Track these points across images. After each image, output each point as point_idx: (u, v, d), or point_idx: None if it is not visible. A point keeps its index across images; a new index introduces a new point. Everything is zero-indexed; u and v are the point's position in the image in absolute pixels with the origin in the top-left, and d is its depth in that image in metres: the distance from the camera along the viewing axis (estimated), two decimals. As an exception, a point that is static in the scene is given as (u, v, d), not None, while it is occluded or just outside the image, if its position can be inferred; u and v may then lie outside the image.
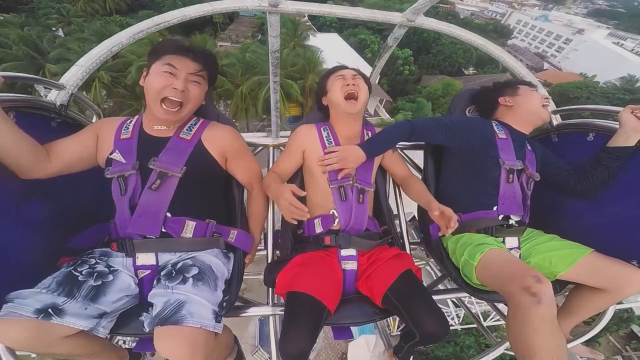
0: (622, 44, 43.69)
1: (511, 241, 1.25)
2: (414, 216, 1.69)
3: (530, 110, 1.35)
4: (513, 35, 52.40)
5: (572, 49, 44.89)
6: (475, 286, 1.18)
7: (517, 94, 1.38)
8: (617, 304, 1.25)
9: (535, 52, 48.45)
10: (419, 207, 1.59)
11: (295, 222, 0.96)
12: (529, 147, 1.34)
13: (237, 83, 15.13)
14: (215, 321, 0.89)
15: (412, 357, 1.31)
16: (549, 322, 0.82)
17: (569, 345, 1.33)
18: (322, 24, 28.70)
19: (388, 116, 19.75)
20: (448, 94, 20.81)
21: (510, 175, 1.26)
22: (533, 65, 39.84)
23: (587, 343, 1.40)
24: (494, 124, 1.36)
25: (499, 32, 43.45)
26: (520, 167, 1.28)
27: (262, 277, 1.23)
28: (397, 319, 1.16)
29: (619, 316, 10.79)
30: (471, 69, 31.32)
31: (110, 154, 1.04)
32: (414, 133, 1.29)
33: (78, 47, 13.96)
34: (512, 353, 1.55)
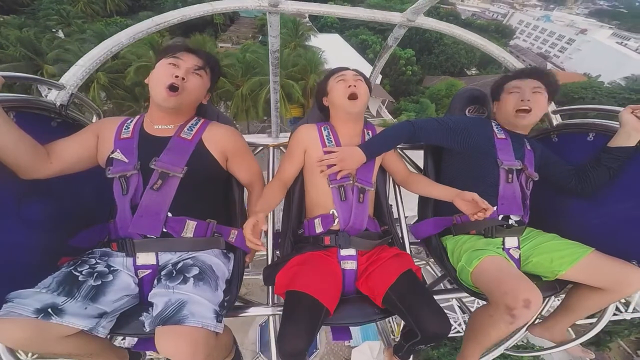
0: (626, 44, 43.01)
1: (511, 241, 1.25)
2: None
3: (506, 114, 1.33)
4: (515, 36, 52.15)
5: (575, 49, 44.38)
6: (472, 289, 1.19)
7: (500, 97, 1.37)
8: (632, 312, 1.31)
9: (537, 52, 48.13)
10: (419, 206, 1.59)
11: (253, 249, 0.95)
12: (528, 147, 1.34)
13: (238, 84, 14.87)
14: (217, 321, 0.89)
15: (412, 356, 1.31)
16: (507, 331, 1.02)
17: (568, 346, 1.33)
18: (323, 25, 28.40)
19: (390, 117, 19.47)
20: (451, 94, 20.27)
21: (510, 175, 1.26)
22: (536, 66, 39.81)
23: (597, 347, 1.45)
24: (493, 124, 1.36)
25: (501, 32, 43.18)
26: (519, 167, 1.27)
27: (262, 277, 1.23)
28: (402, 323, 1.16)
29: (631, 321, 10.67)
30: (474, 69, 31.03)
31: (111, 153, 1.04)
32: (415, 133, 1.29)
33: (77, 47, 13.69)
34: (512, 353, 1.56)
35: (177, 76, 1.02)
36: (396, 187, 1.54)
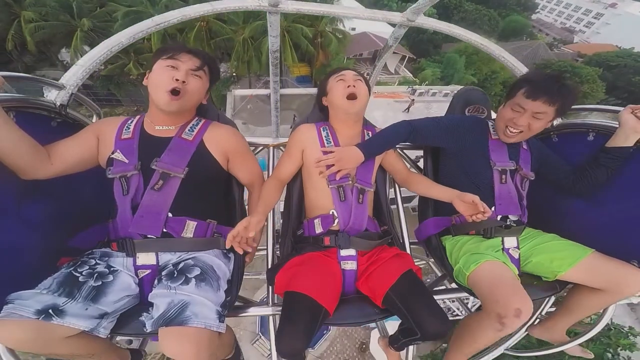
0: (660, 18, 40.17)
1: (510, 241, 1.25)
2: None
3: (497, 125, 1.30)
4: (537, 10, 49.00)
5: (603, 23, 42.27)
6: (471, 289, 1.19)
7: (505, 103, 1.29)
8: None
9: (562, 27, 45.93)
10: (419, 206, 1.59)
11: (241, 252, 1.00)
12: (524, 146, 1.34)
13: (239, 31, 13.34)
14: (219, 321, 0.90)
15: (412, 348, 1.32)
16: (494, 338, 1.05)
17: (569, 346, 1.34)
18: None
19: (411, 75, 18.15)
20: (480, 50, 19.55)
21: (503, 176, 1.27)
22: (562, 39, 37.78)
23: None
24: (490, 125, 1.36)
25: (522, 5, 39.31)
26: (513, 168, 1.28)
27: (261, 277, 1.24)
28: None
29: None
30: (493, 40, 30.02)
31: (112, 153, 1.04)
32: (413, 132, 1.29)
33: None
34: (512, 353, 1.56)
35: (177, 79, 1.01)
36: (396, 186, 1.54)
